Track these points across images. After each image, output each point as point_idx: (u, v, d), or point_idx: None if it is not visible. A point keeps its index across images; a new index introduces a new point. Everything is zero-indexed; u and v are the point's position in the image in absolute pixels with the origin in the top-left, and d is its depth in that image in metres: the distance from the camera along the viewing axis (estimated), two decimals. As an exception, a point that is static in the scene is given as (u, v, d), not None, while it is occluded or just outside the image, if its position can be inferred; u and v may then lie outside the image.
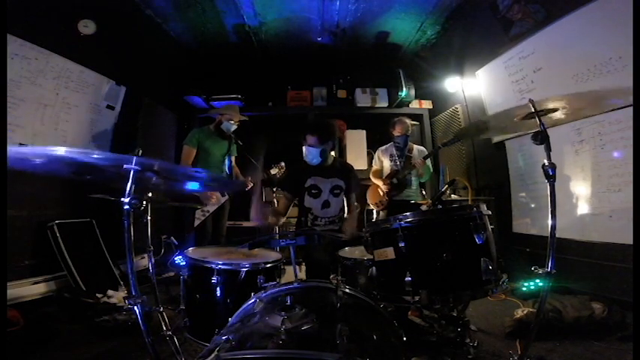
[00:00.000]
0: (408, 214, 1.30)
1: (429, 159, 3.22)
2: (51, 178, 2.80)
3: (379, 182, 3.24)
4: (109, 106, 3.39)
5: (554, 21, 2.63)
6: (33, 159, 1.09)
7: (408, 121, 3.31)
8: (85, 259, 2.82)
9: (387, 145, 3.38)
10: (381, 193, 3.24)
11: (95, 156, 1.07)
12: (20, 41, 2.50)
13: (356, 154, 4.47)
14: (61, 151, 0.98)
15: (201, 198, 2.88)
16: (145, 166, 1.12)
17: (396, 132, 3.26)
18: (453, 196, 3.70)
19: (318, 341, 0.81)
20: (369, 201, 3.40)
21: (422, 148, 3.42)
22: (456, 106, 4.12)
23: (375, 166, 3.39)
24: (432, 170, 3.34)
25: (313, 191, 2.19)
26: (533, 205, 3.09)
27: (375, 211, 3.51)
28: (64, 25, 2.88)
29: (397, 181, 3.19)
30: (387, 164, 3.29)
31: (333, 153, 2.33)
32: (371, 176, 3.40)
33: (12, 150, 1.03)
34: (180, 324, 1.60)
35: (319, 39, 4.33)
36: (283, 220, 2.27)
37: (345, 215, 2.30)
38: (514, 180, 3.31)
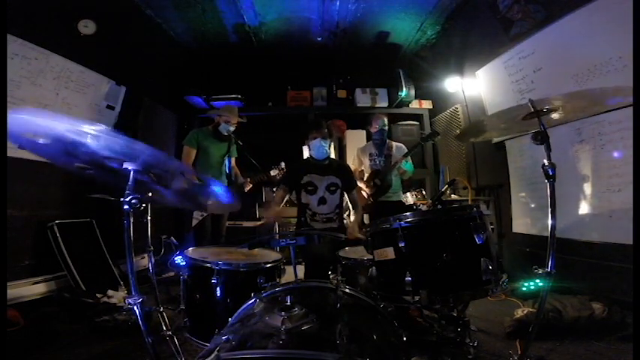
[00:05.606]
0: (408, 214, 1.30)
1: (409, 156, 3.14)
2: (51, 178, 2.82)
3: (362, 185, 3.12)
4: (109, 106, 3.39)
5: (554, 21, 2.63)
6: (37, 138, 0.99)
7: (384, 117, 3.27)
8: (85, 259, 2.82)
9: (366, 144, 3.35)
10: (365, 196, 3.13)
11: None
12: (20, 41, 2.50)
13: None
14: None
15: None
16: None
17: (373, 129, 3.23)
18: (453, 196, 3.70)
19: (318, 341, 0.81)
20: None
21: (401, 144, 3.29)
22: (456, 106, 4.12)
23: (354, 166, 3.29)
24: (413, 168, 3.22)
25: (309, 187, 2.28)
26: (533, 205, 3.09)
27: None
28: (64, 25, 2.88)
29: (380, 182, 3.08)
30: (366, 163, 3.23)
31: (332, 154, 2.36)
32: None
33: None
34: (180, 324, 1.60)
35: (319, 39, 4.33)
36: (278, 209, 2.41)
37: (351, 217, 2.35)
38: (514, 180, 3.31)
